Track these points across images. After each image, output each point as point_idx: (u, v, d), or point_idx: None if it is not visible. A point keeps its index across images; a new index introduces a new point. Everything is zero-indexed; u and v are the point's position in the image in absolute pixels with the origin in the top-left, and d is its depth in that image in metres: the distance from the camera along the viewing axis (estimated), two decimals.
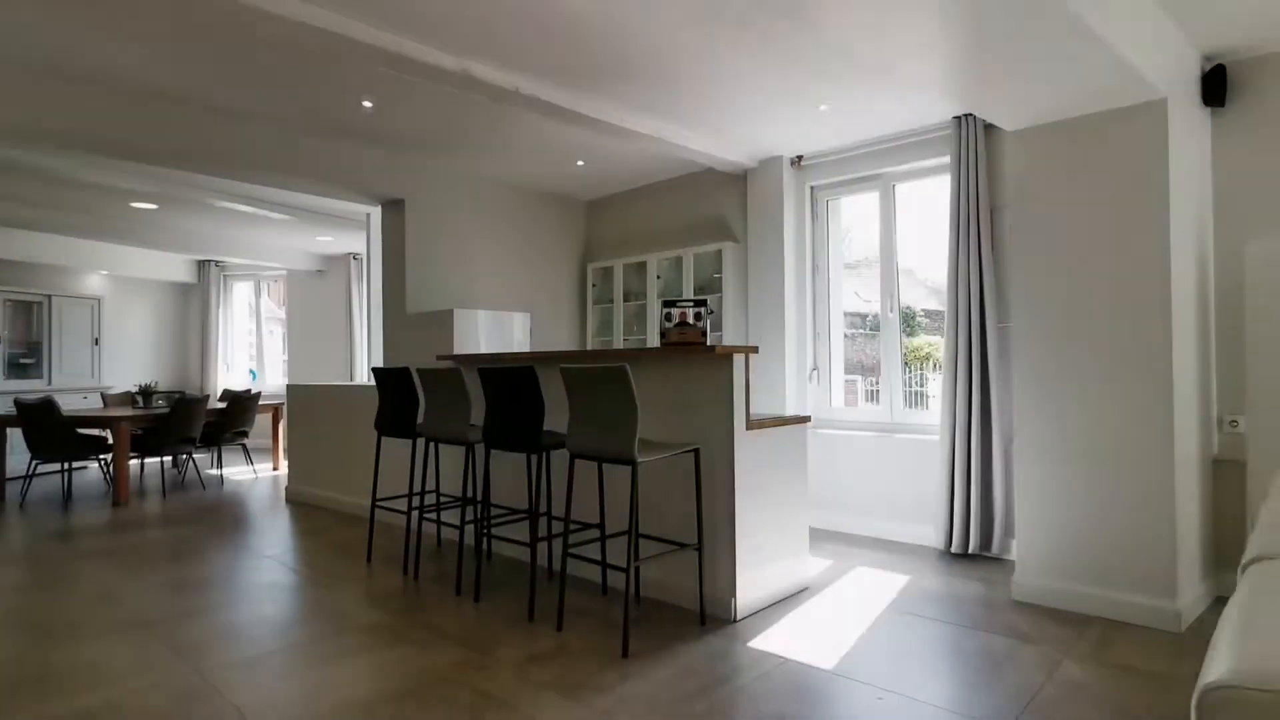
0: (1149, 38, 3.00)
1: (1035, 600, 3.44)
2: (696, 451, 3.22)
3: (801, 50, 3.56)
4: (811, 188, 5.35)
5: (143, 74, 3.96)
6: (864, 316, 5.64)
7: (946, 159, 4.57)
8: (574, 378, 3.08)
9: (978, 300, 4.24)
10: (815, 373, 5.32)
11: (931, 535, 4.49)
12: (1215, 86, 3.55)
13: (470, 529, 4.58)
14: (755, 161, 5.35)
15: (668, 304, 3.50)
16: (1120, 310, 3.24)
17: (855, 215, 5.44)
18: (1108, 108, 3.22)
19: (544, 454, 3.94)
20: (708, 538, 3.34)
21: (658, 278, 6.08)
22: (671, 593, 3.47)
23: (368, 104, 4.32)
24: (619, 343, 6.37)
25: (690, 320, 3.46)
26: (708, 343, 3.45)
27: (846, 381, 5.47)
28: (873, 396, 5.30)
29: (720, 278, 5.63)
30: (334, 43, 3.26)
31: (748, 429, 3.33)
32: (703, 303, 3.49)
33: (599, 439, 3.00)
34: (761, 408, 5.28)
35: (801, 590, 3.65)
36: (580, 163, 5.64)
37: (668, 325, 3.48)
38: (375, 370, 4.26)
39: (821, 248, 5.36)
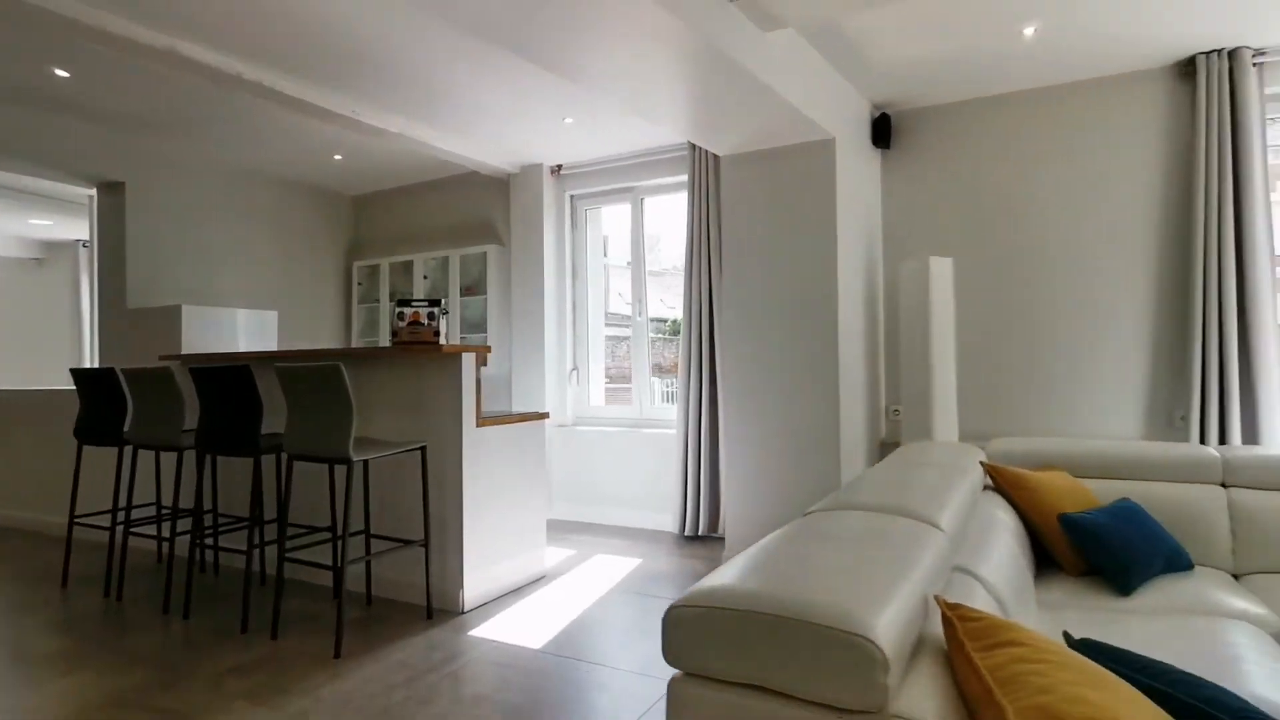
0: (822, 91, 3.55)
1: None
2: (423, 449, 3.28)
3: (541, 71, 3.75)
4: (571, 196, 5.60)
5: None
6: (629, 319, 5.99)
7: (685, 177, 5.02)
8: (289, 377, 3.01)
9: (708, 306, 4.70)
10: (575, 372, 5.57)
11: (669, 521, 4.90)
12: (882, 131, 4.26)
13: (187, 540, 4.24)
14: (517, 168, 5.49)
15: (401, 303, 3.52)
16: (800, 316, 3.78)
17: (619, 223, 5.77)
18: (791, 143, 3.76)
19: (278, 456, 3.77)
20: (436, 533, 3.41)
21: (424, 278, 6.02)
22: (403, 590, 3.49)
23: (62, 73, 3.87)
24: (385, 343, 6.22)
25: (423, 320, 3.51)
26: (441, 342, 3.51)
27: (609, 382, 5.79)
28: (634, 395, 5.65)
29: (485, 279, 5.71)
30: (11, 6, 2.91)
31: (478, 426, 3.44)
32: (436, 303, 3.55)
33: (315, 439, 2.96)
34: (521, 406, 5.43)
35: (538, 579, 3.83)
36: (338, 157, 5.44)
37: (399, 324, 3.50)
38: (74, 371, 3.83)
39: (581, 253, 5.63)
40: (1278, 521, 2.47)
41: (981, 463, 2.69)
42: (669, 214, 5.37)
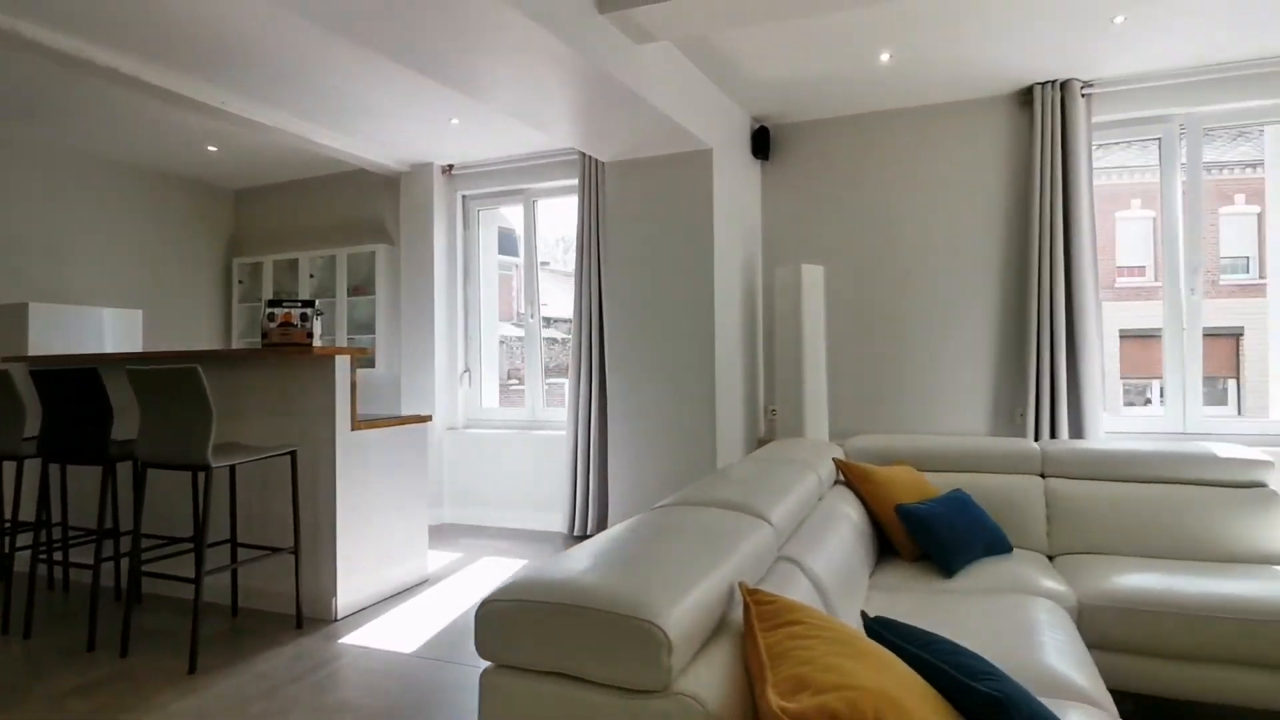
0: (700, 104, 3.68)
1: None
2: (293, 454, 3.19)
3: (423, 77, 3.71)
4: (464, 196, 5.55)
5: None
6: (550, 321, 5.99)
7: (576, 180, 5.07)
8: (142, 381, 2.87)
9: (598, 308, 4.77)
10: (467, 374, 5.52)
11: (560, 522, 4.95)
12: (761, 143, 4.45)
13: (29, 555, 3.96)
14: (407, 166, 5.40)
15: (271, 304, 3.41)
16: (679, 318, 3.91)
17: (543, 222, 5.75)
18: (671, 152, 3.88)
19: (135, 464, 3.56)
20: (307, 540, 3.32)
21: (311, 276, 5.82)
22: (272, 600, 3.38)
23: None
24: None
25: (295, 321, 3.41)
26: (314, 344, 3.43)
27: (517, 384, 5.76)
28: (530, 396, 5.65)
29: (374, 279, 5.58)
30: None
31: (353, 429, 3.38)
32: (310, 304, 3.46)
33: (171, 445, 2.83)
34: (410, 408, 5.34)
35: (420, 583, 3.79)
36: (212, 149, 5.18)
37: (270, 325, 3.39)
38: None
39: (474, 254, 5.59)
40: (1086, 507, 2.77)
41: (834, 459, 2.87)
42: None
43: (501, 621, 1.17)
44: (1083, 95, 3.86)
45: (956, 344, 4.15)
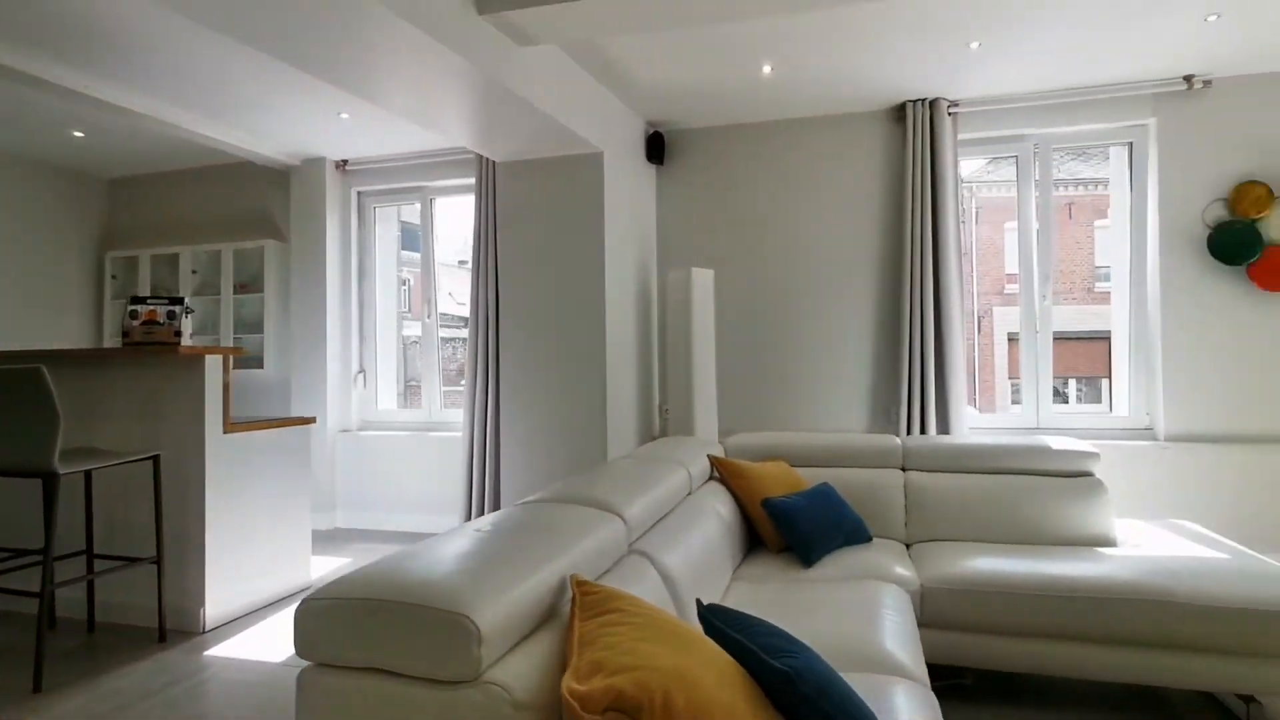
0: (591, 108, 3.73)
1: None
2: (156, 459, 3.04)
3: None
4: (359, 193, 5.41)
5: None
6: (466, 321, 5.89)
7: (473, 180, 5.03)
8: None
9: (495, 307, 4.75)
10: (362, 375, 5.39)
11: (455, 524, 4.89)
12: (656, 148, 4.54)
13: None
14: (297, 160, 5.21)
15: (134, 301, 3.24)
16: (571, 318, 3.95)
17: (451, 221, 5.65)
18: (562, 154, 3.91)
19: None
20: (173, 549, 3.17)
21: (194, 272, 5.54)
22: (133, 613, 3.21)
23: None
24: None
25: (160, 319, 3.25)
26: (183, 343, 3.28)
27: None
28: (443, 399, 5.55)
29: (263, 276, 5.36)
30: None
31: (225, 433, 3.25)
32: (179, 301, 3.31)
33: (11, 451, 2.65)
34: (301, 410, 5.16)
35: (302, 590, 3.67)
36: (78, 134, 4.86)
37: (132, 324, 3.22)
38: None
39: (370, 252, 5.46)
40: (940, 498, 2.97)
41: (710, 456, 2.98)
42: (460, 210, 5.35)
43: (319, 620, 1.17)
44: (949, 113, 4.13)
45: (838, 345, 4.35)
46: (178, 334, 3.27)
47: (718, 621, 1.43)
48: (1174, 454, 3.83)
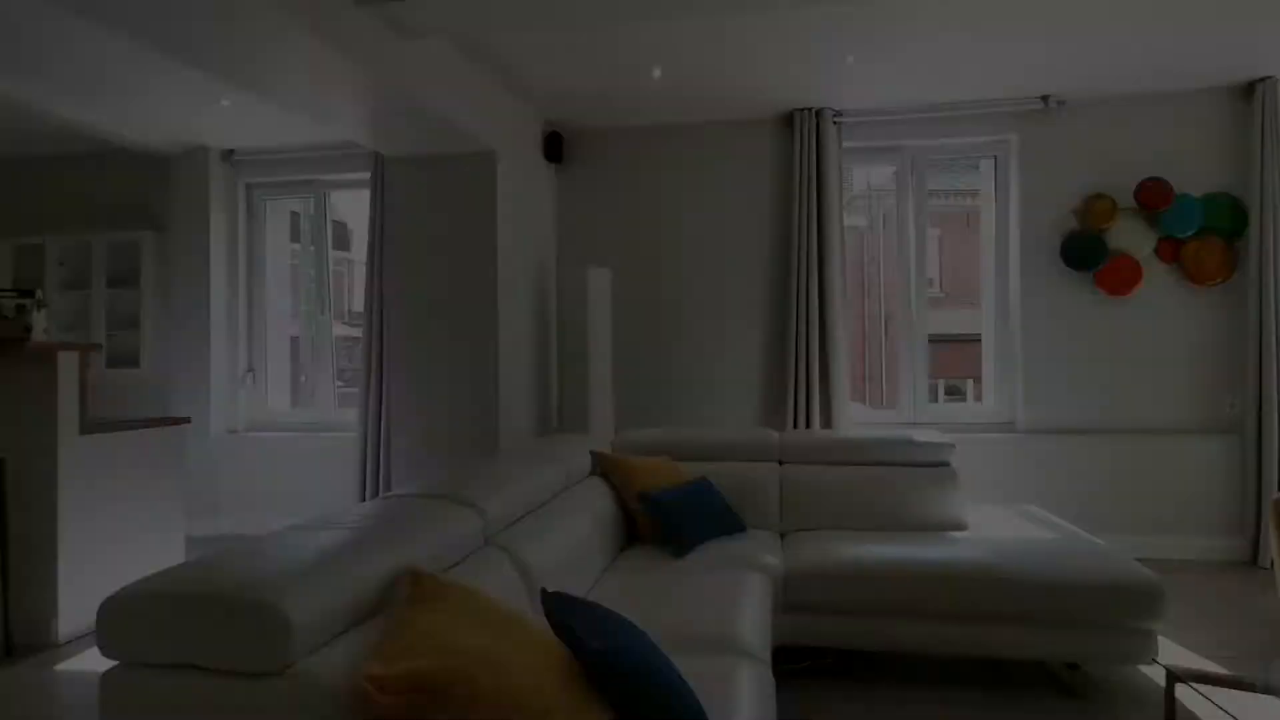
0: (484, 105, 3.72)
1: None
2: (1, 462, 2.85)
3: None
4: (247, 185, 5.19)
5: None
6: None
7: (369, 174, 4.91)
8: None
9: (388, 303, 4.65)
10: (250, 374, 5.17)
11: None
12: (554, 147, 4.56)
13: None
14: (178, 148, 4.96)
15: None
16: (463, 315, 3.92)
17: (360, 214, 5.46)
18: (453, 151, 3.88)
19: None
20: (19, 558, 2.97)
21: (61, 264, 5.17)
22: None
23: None
24: None
25: (8, 313, 3.04)
26: (34, 339, 3.08)
27: (341, 385, 5.45)
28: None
29: (140, 270, 5.06)
30: None
31: (82, 434, 3.07)
32: (30, 293, 3.11)
33: None
34: (183, 411, 4.91)
35: None
36: None
37: None
38: None
39: (260, 246, 5.24)
40: (812, 489, 3.11)
41: (593, 451, 3.02)
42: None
43: (124, 618, 1.14)
44: (835, 123, 4.32)
45: (731, 342, 4.49)
46: (28, 329, 3.06)
47: (557, 610, 1.47)
48: (1030, 444, 4.13)
